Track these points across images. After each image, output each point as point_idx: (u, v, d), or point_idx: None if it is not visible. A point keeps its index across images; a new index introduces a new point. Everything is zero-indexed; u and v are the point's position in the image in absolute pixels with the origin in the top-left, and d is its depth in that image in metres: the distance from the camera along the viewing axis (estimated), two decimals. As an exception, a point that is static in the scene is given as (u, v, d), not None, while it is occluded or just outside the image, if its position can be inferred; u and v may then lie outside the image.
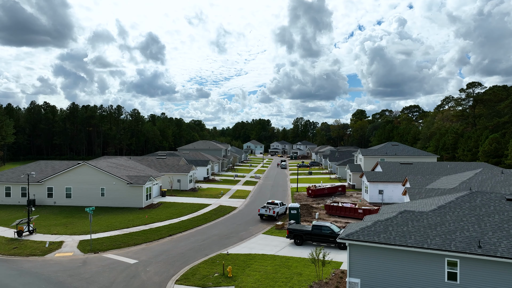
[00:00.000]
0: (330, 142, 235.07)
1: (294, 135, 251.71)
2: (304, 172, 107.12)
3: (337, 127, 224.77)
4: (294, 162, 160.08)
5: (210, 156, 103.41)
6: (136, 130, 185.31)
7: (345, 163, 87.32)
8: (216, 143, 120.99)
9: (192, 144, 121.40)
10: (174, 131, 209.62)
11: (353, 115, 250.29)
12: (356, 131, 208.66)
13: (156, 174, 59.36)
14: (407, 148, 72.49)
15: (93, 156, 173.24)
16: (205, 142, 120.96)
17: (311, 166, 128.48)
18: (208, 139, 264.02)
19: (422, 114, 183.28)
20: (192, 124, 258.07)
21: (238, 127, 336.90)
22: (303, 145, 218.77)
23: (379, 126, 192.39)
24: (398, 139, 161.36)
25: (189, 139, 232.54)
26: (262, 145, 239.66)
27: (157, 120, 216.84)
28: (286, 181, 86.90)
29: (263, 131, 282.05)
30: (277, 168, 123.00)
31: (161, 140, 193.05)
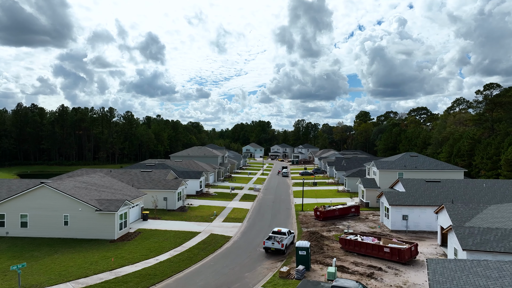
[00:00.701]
0: (333, 145, 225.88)
1: (295, 138, 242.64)
2: (307, 182, 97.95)
3: (340, 129, 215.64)
4: (296, 168, 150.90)
5: (205, 165, 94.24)
6: (129, 134, 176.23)
7: (354, 174, 78.11)
8: (212, 150, 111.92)
9: (186, 151, 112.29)
10: (170, 134, 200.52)
11: (356, 117, 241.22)
12: (360, 134, 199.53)
13: (136, 194, 50.12)
14: (428, 160, 63.24)
15: (83, 161, 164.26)
16: (200, 149, 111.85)
17: (315, 174, 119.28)
18: (206, 141, 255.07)
19: (430, 117, 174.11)
20: (189, 126, 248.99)
21: (238, 129, 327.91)
22: (305, 148, 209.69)
23: (385, 129, 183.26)
24: (406, 144, 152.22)
25: (186, 143, 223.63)
26: (262, 148, 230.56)
27: (152, 123, 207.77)
28: (288, 194, 77.69)
29: (263, 133, 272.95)
30: (278, 177, 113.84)
31: (156, 144, 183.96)
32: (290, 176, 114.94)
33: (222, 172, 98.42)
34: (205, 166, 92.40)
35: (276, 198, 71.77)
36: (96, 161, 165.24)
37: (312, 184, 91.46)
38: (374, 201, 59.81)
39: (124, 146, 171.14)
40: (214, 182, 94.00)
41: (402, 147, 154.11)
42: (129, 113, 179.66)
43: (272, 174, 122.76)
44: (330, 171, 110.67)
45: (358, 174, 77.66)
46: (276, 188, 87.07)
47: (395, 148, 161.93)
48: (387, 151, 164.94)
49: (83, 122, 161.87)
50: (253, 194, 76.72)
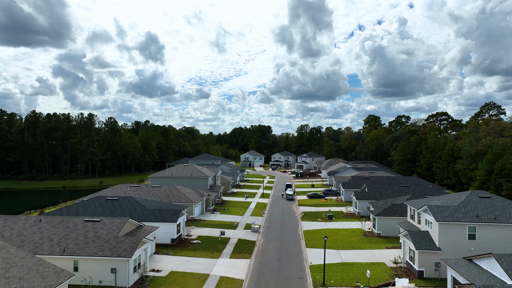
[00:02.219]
0: (340, 153, 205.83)
1: (298, 145, 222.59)
2: (320, 211, 77.82)
3: (347, 136, 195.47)
4: (301, 183, 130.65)
5: (190, 191, 74.18)
6: (112, 143, 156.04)
7: (387, 212, 57.92)
8: (202, 169, 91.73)
9: (170, 170, 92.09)
10: (159, 142, 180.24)
11: (365, 122, 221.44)
12: (371, 142, 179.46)
13: (54, 280, 29.88)
14: (508, 204, 42.83)
15: (58, 174, 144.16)
16: (187, 168, 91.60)
17: (326, 196, 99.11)
18: (201, 148, 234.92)
19: (452, 124, 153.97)
20: (182, 132, 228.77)
21: (236, 133, 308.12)
22: (310, 157, 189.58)
23: (400, 137, 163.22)
24: (427, 155, 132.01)
25: (178, 150, 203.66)
26: (262, 156, 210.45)
27: (140, 129, 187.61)
28: (298, 239, 57.52)
29: (263, 138, 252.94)
30: (281, 201, 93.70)
31: (143, 154, 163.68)
32: (296, 200, 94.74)
33: (212, 200, 78.23)
34: (189, 194, 72.29)
35: (282, 250, 51.61)
36: (73, 175, 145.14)
37: (326, 218, 71.25)
38: (432, 268, 39.79)
39: (106, 157, 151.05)
40: (201, 214, 73.85)
41: (423, 160, 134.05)
42: (112, 119, 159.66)
43: (275, 195, 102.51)
44: (345, 194, 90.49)
45: (393, 212, 57.57)
46: (281, 225, 66.95)
47: (414, 160, 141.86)
48: (404, 163, 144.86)
49: (58, 131, 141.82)
50: (251, 239, 56.56)
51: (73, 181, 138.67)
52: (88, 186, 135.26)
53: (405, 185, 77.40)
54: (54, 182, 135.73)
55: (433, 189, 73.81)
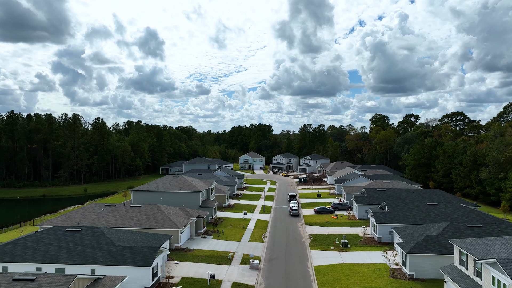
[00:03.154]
0: (346, 155, 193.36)
1: (300, 145, 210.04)
2: (331, 233, 65.65)
3: (354, 137, 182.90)
4: (305, 190, 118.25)
5: (176, 212, 61.97)
6: (100, 146, 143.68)
7: (422, 247, 45.59)
8: (194, 181, 79.12)
9: (156, 182, 79.48)
10: (152, 144, 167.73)
11: (372, 122, 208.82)
12: (380, 144, 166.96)
13: None
14: None
15: (40, 181, 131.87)
16: (175, 180, 78.97)
17: (336, 210, 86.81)
18: (198, 149, 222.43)
19: (471, 125, 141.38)
20: (178, 132, 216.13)
21: (235, 132, 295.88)
22: (313, 159, 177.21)
23: (413, 139, 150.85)
24: (445, 161, 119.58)
25: (173, 152, 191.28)
26: (262, 158, 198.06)
27: (132, 130, 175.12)
28: (309, 282, 45.23)
29: (263, 138, 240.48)
30: (284, 218, 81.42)
31: (133, 157, 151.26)
32: (302, 216, 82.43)
33: (203, 220, 65.84)
34: (175, 216, 60.06)
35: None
36: (56, 181, 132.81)
37: (340, 245, 58.94)
38: None
39: (93, 161, 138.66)
40: (190, 239, 61.58)
41: (439, 165, 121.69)
42: (100, 120, 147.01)
43: (277, 209, 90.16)
44: (359, 210, 78.19)
45: (429, 247, 45.28)
46: (286, 256, 54.71)
47: (429, 165, 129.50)
48: (418, 168, 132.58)
49: (39, 133, 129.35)
50: (248, 284, 44.30)
51: (55, 189, 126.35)
52: (71, 194, 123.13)
53: (432, 204, 65.09)
54: (34, 190, 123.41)
55: (467, 210, 61.54)
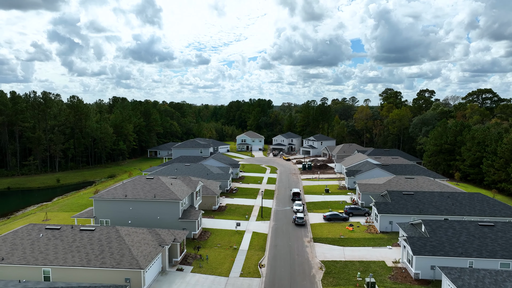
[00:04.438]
0: (353, 136, 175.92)
1: (303, 124, 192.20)
2: (350, 260, 49.84)
3: (363, 115, 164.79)
4: (311, 182, 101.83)
5: (142, 237, 45.82)
6: (77, 128, 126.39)
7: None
8: (173, 184, 62.24)
9: (124, 187, 62.23)
10: (138, 125, 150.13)
11: (383, 98, 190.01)
12: (392, 124, 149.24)
13: None
14: None
15: (6, 169, 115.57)
16: (149, 183, 61.92)
17: (350, 216, 70.70)
18: (192, 128, 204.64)
19: (503, 105, 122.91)
20: (169, 109, 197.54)
21: (233, 108, 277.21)
22: (317, 141, 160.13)
23: (432, 120, 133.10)
24: (474, 148, 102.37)
25: (164, 132, 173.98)
26: (261, 138, 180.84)
27: (115, 109, 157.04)
28: None
29: (263, 115, 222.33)
30: (287, 227, 65.43)
31: (116, 141, 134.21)
32: (309, 226, 66.41)
33: (180, 246, 49.57)
34: (139, 245, 43.86)
35: None
36: (26, 169, 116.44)
37: (364, 286, 43.10)
38: None
39: (69, 146, 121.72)
40: (161, 274, 45.59)
41: (466, 153, 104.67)
42: (75, 98, 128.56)
43: (278, 214, 73.99)
44: (382, 221, 62.03)
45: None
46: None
47: (453, 152, 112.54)
48: (439, 154, 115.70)
49: (2, 114, 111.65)
50: None
51: (23, 179, 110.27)
52: (41, 185, 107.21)
53: (487, 224, 48.65)
54: None
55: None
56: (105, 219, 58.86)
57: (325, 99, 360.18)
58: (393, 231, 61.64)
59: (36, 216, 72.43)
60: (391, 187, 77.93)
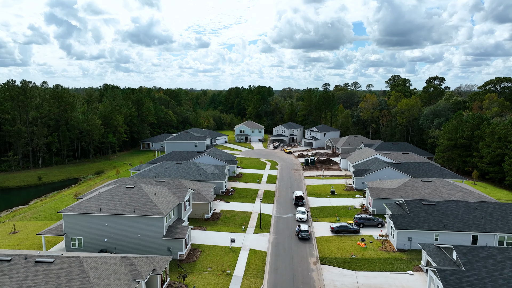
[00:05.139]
0: (358, 126, 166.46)
1: (305, 113, 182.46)
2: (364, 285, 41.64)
3: (370, 105, 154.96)
4: (315, 180, 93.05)
5: (113, 269, 37.18)
6: (62, 119, 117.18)
7: None
8: (156, 196, 53.32)
9: (100, 198, 53.23)
10: (130, 115, 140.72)
11: (390, 86, 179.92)
12: (401, 114, 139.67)
13: None
14: None
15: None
16: (129, 194, 52.84)
17: (361, 226, 62.18)
18: (188, 116, 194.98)
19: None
20: (164, 97, 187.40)
21: (232, 94, 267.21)
22: (321, 132, 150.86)
23: (445, 111, 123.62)
24: (494, 144, 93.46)
25: (159, 121, 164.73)
26: (261, 129, 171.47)
27: (104, 99, 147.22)
28: None
29: (263, 103, 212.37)
30: (290, 243, 56.94)
31: (105, 133, 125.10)
32: (315, 240, 57.94)
33: (158, 279, 41.01)
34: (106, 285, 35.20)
35: None
36: (5, 166, 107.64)
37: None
38: None
39: (53, 139, 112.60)
40: (135, 318, 37.13)
41: (485, 149, 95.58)
42: (59, 87, 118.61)
43: (279, 223, 65.44)
44: (399, 237, 53.44)
45: None
46: None
47: (469, 147, 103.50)
48: (454, 150, 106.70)
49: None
50: None
51: (2, 176, 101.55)
52: (21, 184, 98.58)
53: (533, 252, 40.10)
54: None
55: None
56: (77, 237, 50.38)
57: (327, 84, 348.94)
58: (412, 249, 53.19)
59: (5, 226, 63.96)
60: (406, 192, 69.29)
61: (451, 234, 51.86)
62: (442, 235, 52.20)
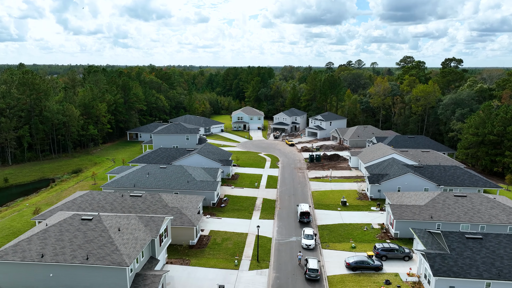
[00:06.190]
0: (366, 113, 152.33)
1: (309, 98, 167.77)
2: None
3: (381, 91, 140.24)
4: (320, 181, 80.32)
5: None
6: (37, 110, 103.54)
7: None
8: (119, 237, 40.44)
9: (44, 237, 40.32)
10: (114, 102, 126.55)
11: (404, 70, 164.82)
12: (417, 102, 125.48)
13: None
14: None
15: None
16: (83, 232, 39.74)
17: (384, 260, 49.70)
18: (182, 101, 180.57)
19: None
20: (155, 80, 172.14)
21: (230, 75, 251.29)
22: (326, 121, 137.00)
23: (469, 101, 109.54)
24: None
25: (149, 108, 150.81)
26: (261, 116, 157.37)
27: (87, 83, 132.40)
28: None
29: (263, 86, 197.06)
30: (295, 279, 44.59)
31: (85, 124, 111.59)
32: (326, 280, 45.60)
33: None
34: None
35: None
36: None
37: None
38: None
39: (23, 133, 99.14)
40: None
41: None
42: (29, 74, 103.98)
43: (281, 254, 52.94)
44: (438, 286, 40.91)
45: None
46: None
47: (499, 145, 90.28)
48: (481, 146, 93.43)
49: None
50: None
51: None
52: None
53: None
54: None
55: None
56: (14, 289, 37.92)
57: (330, 63, 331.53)
58: (454, 301, 40.86)
59: None
60: (437, 211, 56.62)
61: (509, 285, 39.45)
62: (496, 286, 39.80)
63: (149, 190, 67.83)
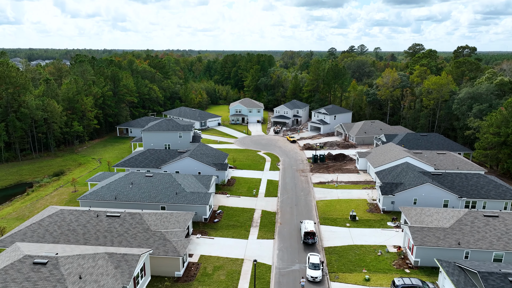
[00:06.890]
0: (373, 105, 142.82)
1: (312, 89, 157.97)
2: None
3: (390, 83, 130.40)
4: (325, 187, 72.05)
5: None
6: (14, 105, 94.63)
7: None
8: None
9: None
10: (102, 95, 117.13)
11: (413, 59, 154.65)
12: (428, 95, 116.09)
13: None
14: None
15: None
16: (33, 281, 31.90)
17: (404, 301, 41.79)
18: (178, 91, 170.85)
19: None
20: (148, 69, 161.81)
21: (229, 63, 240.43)
22: (330, 114, 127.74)
23: (488, 95, 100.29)
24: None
25: (141, 99, 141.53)
26: (260, 108, 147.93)
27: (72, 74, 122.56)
28: None
29: (262, 75, 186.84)
30: None
31: (69, 120, 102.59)
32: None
33: None
34: None
35: None
36: None
37: None
38: None
39: None
40: None
41: (550, 153, 73.21)
42: (6, 65, 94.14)
43: (281, 283, 45.10)
44: None
45: None
46: None
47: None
48: (502, 147, 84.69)
49: None
50: None
51: None
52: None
53: None
54: None
55: None
56: None
57: (333, 49, 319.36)
58: None
59: None
60: (465, 234, 48.43)
61: None
62: None
63: (131, 204, 59.60)
